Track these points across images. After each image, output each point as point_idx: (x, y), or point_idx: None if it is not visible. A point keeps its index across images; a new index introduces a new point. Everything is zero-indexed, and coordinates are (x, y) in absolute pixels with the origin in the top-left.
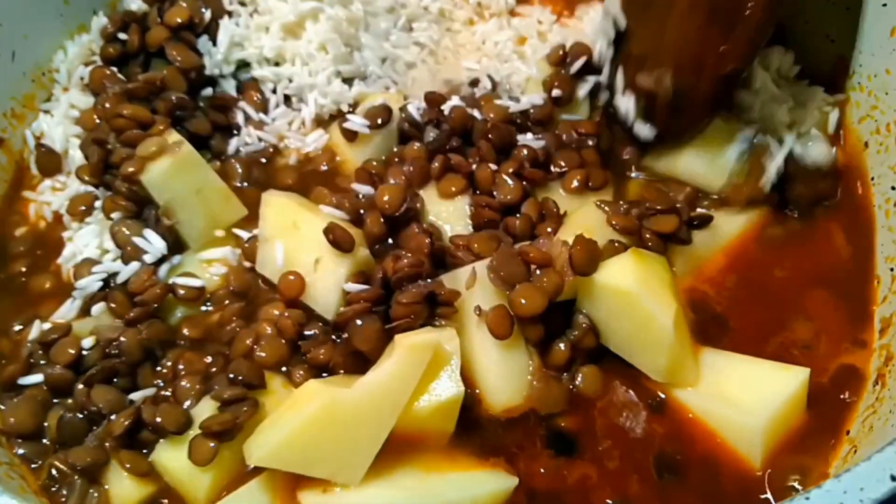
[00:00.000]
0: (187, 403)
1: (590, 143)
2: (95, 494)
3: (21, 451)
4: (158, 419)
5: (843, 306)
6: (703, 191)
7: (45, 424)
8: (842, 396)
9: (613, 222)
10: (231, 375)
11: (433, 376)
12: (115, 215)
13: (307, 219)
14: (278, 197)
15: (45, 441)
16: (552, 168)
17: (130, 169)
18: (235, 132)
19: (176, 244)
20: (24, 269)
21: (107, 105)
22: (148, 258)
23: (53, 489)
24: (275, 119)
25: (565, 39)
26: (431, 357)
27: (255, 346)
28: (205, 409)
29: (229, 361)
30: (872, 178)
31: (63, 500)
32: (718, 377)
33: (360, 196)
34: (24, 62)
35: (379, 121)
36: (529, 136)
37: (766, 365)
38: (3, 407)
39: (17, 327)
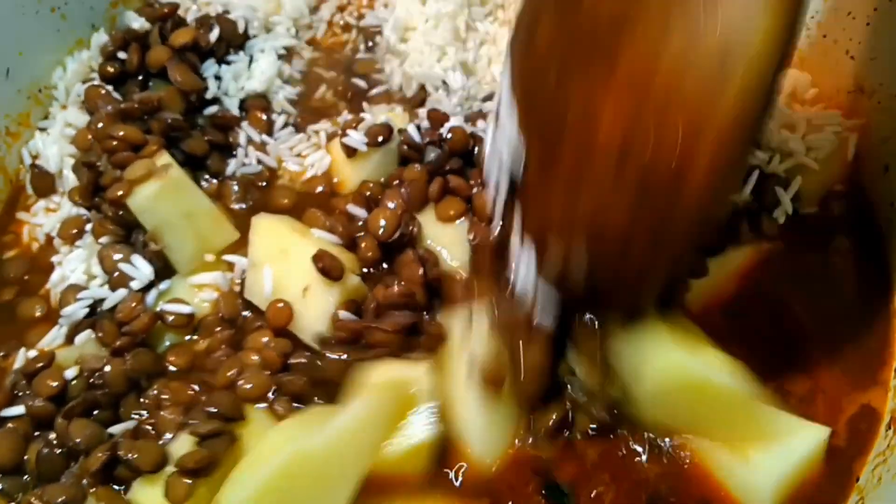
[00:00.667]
0: (168, 436)
1: None
2: None
3: (0, 487)
4: (133, 456)
5: (862, 343)
6: None
7: (26, 458)
8: (856, 439)
9: None
10: (210, 409)
11: (404, 416)
12: (103, 240)
13: (297, 244)
14: (268, 220)
15: (25, 476)
16: None
17: (119, 192)
18: (234, 153)
19: (164, 269)
20: (12, 297)
21: (100, 125)
22: (135, 284)
23: None
24: (277, 140)
25: None
26: (404, 396)
27: (239, 378)
28: (184, 444)
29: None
30: (892, 204)
31: None
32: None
33: (356, 219)
34: (19, 79)
35: (379, 139)
36: None
37: (784, 418)
38: None
39: (2, 353)
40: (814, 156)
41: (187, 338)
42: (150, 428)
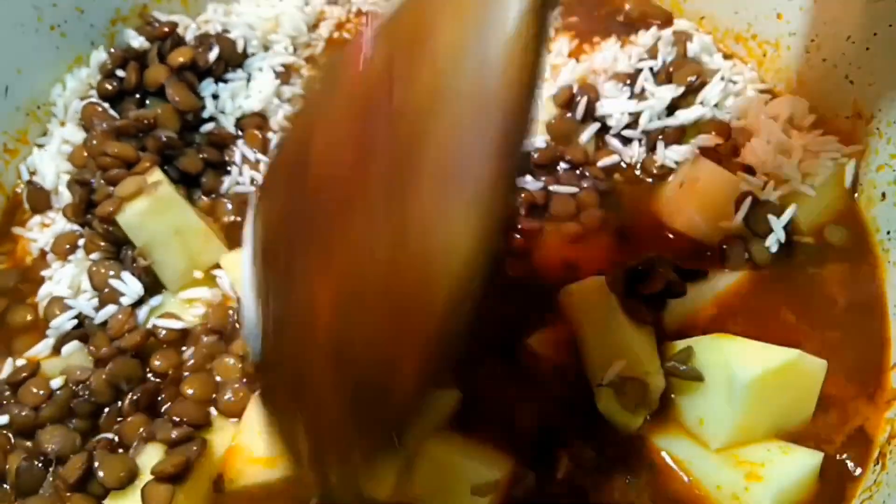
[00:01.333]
0: (134, 445)
1: (585, 184)
2: None
3: None
4: (101, 473)
5: (854, 370)
6: (702, 245)
7: (7, 468)
8: (849, 468)
9: (635, 318)
10: (175, 418)
11: None
12: (94, 256)
13: None
14: (236, 254)
15: (6, 486)
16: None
17: (109, 209)
18: (229, 170)
19: (154, 285)
20: (2, 309)
21: (94, 142)
22: (125, 300)
23: None
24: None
25: (574, 78)
26: None
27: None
28: (153, 454)
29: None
30: (889, 233)
31: None
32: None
33: None
34: (18, 96)
35: None
36: (529, 178)
37: (776, 445)
38: None
39: None
40: (810, 182)
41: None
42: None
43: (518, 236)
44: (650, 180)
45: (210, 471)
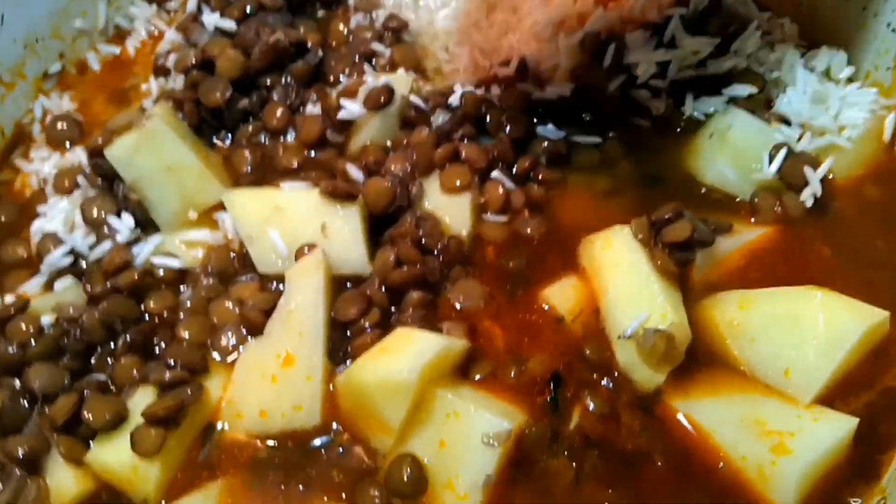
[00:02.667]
0: (126, 387)
1: (611, 134)
2: (33, 487)
3: None
4: (87, 414)
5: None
6: (733, 198)
7: None
8: (882, 431)
9: (659, 264)
10: (170, 360)
11: None
12: (89, 192)
13: (287, 198)
14: (240, 192)
15: None
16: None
17: (98, 141)
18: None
19: (151, 224)
20: None
21: None
22: (120, 238)
23: None
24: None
25: (602, 24)
26: None
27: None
28: (145, 397)
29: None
30: None
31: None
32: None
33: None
34: (15, 27)
35: (381, 99)
36: (550, 125)
37: (808, 411)
38: None
39: None
40: (847, 135)
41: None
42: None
43: (537, 186)
44: (678, 131)
45: (203, 418)
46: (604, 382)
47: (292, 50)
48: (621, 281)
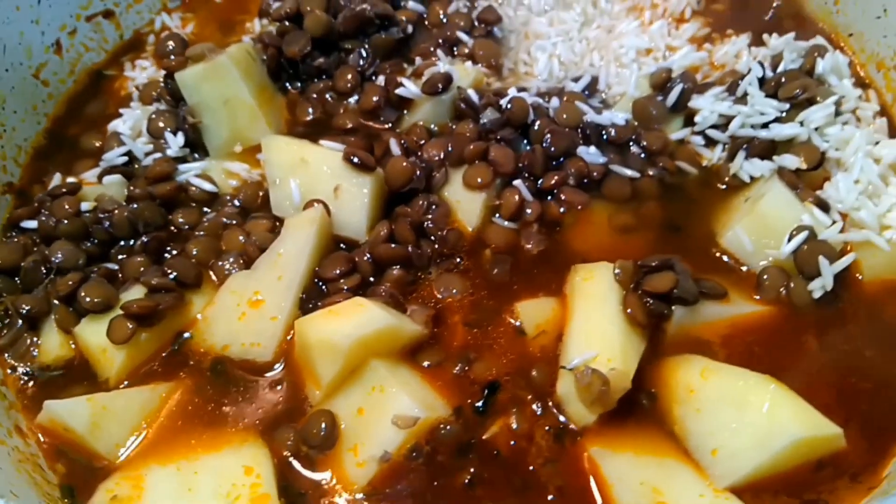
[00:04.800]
0: (128, 283)
1: (649, 170)
2: (28, 340)
3: None
4: (82, 293)
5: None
6: (741, 265)
7: (23, 265)
8: None
9: (629, 310)
10: (166, 268)
11: None
12: (161, 107)
13: (316, 153)
14: (279, 139)
15: (18, 280)
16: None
17: (171, 64)
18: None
19: (203, 148)
20: (78, 133)
21: None
22: (169, 152)
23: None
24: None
25: (683, 64)
26: None
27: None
28: (135, 293)
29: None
30: None
31: (1, 335)
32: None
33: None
34: None
35: (439, 87)
36: (592, 148)
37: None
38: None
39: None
40: (889, 236)
41: None
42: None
43: (555, 204)
44: (723, 187)
45: (179, 324)
46: (535, 406)
47: (377, 21)
48: (588, 315)
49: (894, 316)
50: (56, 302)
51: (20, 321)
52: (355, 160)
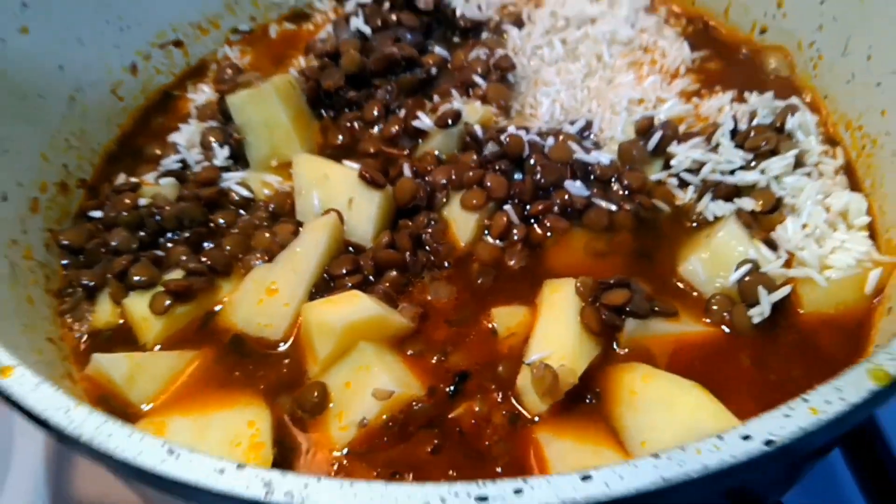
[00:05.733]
0: (171, 267)
1: (625, 205)
2: (85, 307)
3: (64, 262)
4: (132, 271)
5: None
6: (694, 291)
7: (87, 247)
8: None
9: (584, 321)
10: (203, 258)
11: None
12: (213, 124)
13: (336, 170)
14: (308, 157)
15: (82, 258)
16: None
17: (224, 87)
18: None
19: (244, 161)
20: (145, 143)
21: None
22: (216, 162)
23: (64, 294)
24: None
25: (669, 115)
26: None
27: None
28: (173, 276)
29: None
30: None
31: (64, 302)
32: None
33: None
34: None
35: (449, 121)
36: (578, 182)
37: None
38: (70, 227)
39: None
40: (828, 275)
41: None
42: (163, 256)
43: (539, 230)
44: (693, 224)
45: (209, 304)
46: (497, 395)
47: (404, 63)
48: (550, 321)
49: (825, 344)
50: (110, 277)
51: (80, 291)
52: (367, 178)
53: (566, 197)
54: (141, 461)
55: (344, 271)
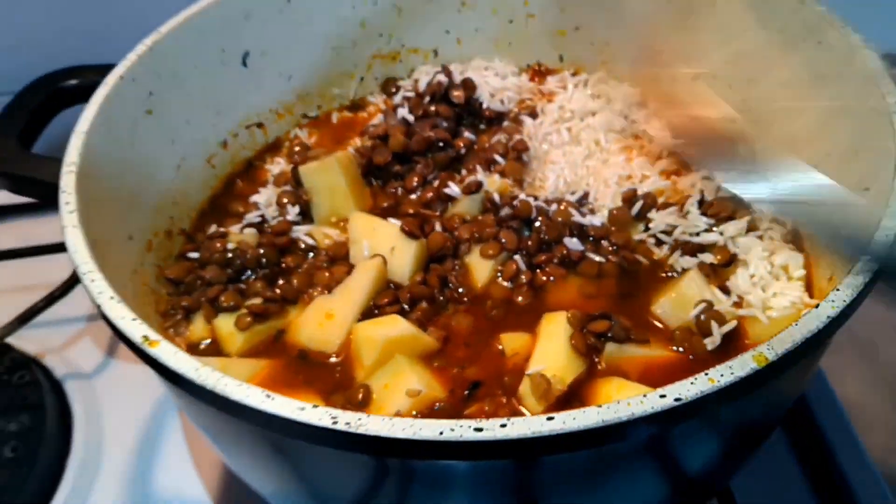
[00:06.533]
0: (251, 296)
1: (612, 258)
2: (183, 326)
3: (168, 292)
4: (222, 298)
5: None
6: (663, 324)
7: (186, 280)
8: None
9: (573, 342)
10: (276, 290)
11: None
12: (286, 188)
13: (383, 225)
14: (361, 215)
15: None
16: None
17: (297, 159)
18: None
19: (310, 216)
20: (228, 203)
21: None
22: (289, 217)
23: (168, 315)
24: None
25: (651, 189)
26: None
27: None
28: (254, 302)
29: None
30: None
31: (168, 320)
32: None
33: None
34: (297, 82)
35: (473, 190)
36: (575, 240)
37: None
38: (174, 264)
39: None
40: (769, 314)
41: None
42: (245, 288)
43: (542, 275)
44: (668, 274)
45: (279, 325)
46: (503, 399)
47: (440, 144)
48: (547, 342)
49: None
50: (204, 301)
51: (180, 312)
52: (407, 231)
53: (565, 251)
54: (248, 402)
55: (386, 301)
